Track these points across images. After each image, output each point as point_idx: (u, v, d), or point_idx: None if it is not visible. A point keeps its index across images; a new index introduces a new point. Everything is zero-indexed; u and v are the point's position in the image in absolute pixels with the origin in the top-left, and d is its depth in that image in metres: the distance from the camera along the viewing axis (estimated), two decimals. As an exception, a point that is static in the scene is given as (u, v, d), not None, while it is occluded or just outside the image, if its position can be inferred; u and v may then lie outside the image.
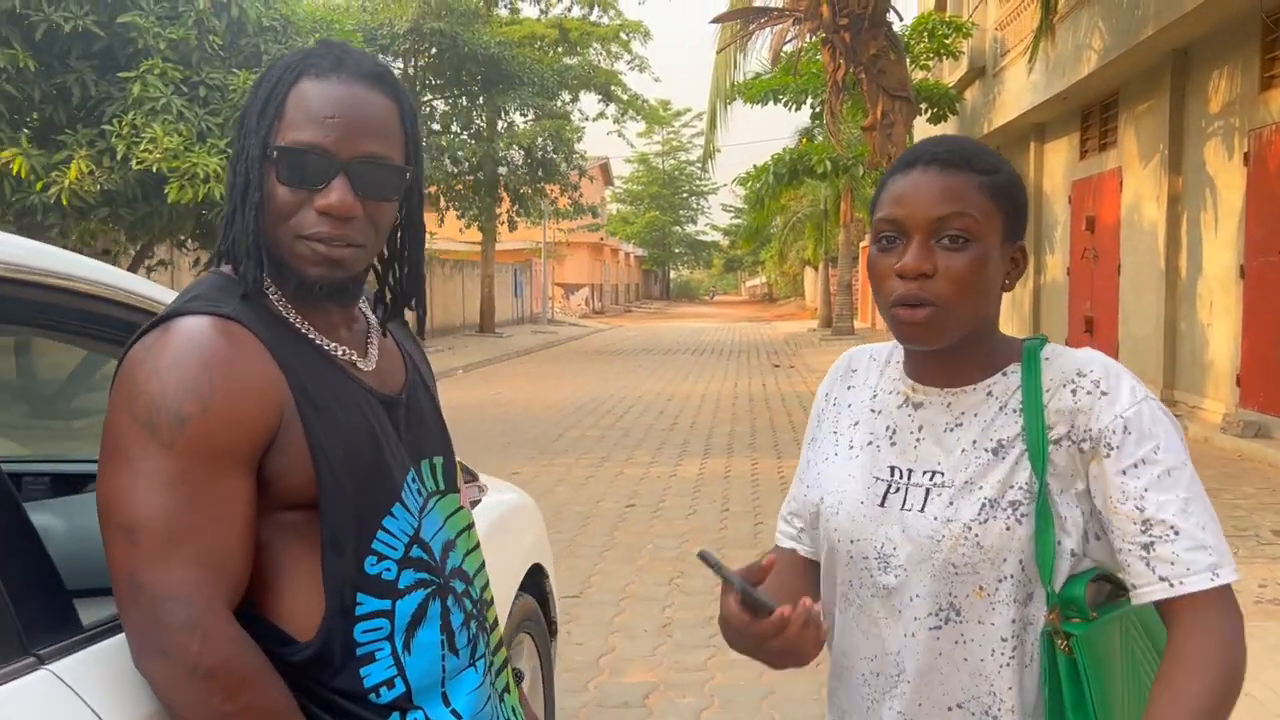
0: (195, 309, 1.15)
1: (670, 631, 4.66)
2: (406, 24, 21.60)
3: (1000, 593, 1.20)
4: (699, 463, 9.05)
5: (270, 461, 1.16)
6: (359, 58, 1.24)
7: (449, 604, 1.27)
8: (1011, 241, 1.24)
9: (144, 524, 1.07)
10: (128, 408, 1.11)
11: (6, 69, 8.24)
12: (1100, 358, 1.24)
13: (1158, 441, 1.18)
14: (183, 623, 1.06)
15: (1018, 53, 13.58)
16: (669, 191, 64.84)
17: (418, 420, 1.34)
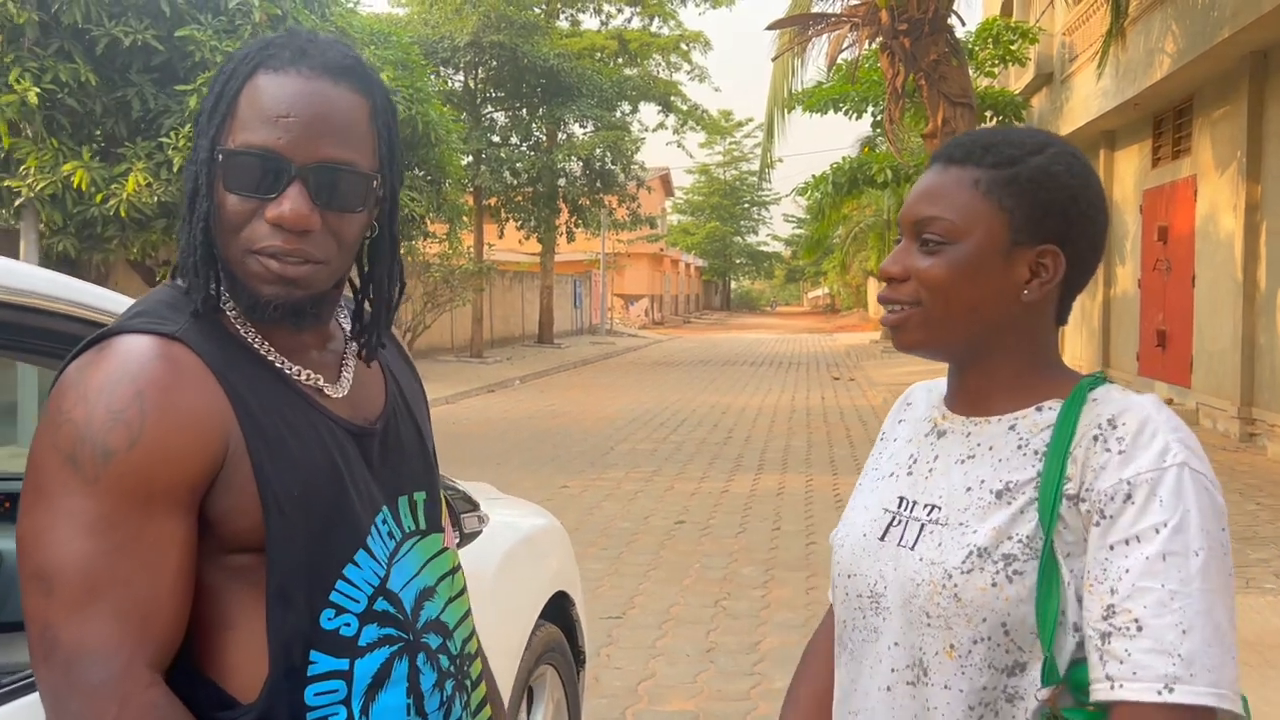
0: (136, 326, 1.03)
1: (714, 657, 4.49)
2: (467, 37, 21.76)
3: (973, 656, 1.04)
4: (752, 478, 8.86)
5: (215, 501, 1.03)
6: (325, 48, 1.09)
7: (419, 663, 1.13)
8: (1028, 244, 1.08)
9: (60, 571, 0.95)
10: (52, 437, 0.98)
11: (69, 83, 8.38)
12: (1148, 410, 1.03)
13: (1168, 518, 0.97)
14: (98, 685, 0.93)
15: (1086, 58, 13.19)
16: (730, 202, 64.61)
17: (396, 452, 1.19)
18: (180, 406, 1.00)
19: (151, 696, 0.95)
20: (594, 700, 4.01)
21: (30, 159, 8.41)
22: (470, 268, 20.05)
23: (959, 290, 1.08)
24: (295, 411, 1.09)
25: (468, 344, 22.92)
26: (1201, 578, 0.96)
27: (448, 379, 17.48)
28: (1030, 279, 1.08)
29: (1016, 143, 1.10)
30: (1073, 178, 1.08)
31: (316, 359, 1.16)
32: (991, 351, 1.11)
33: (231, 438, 1.03)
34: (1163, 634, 0.95)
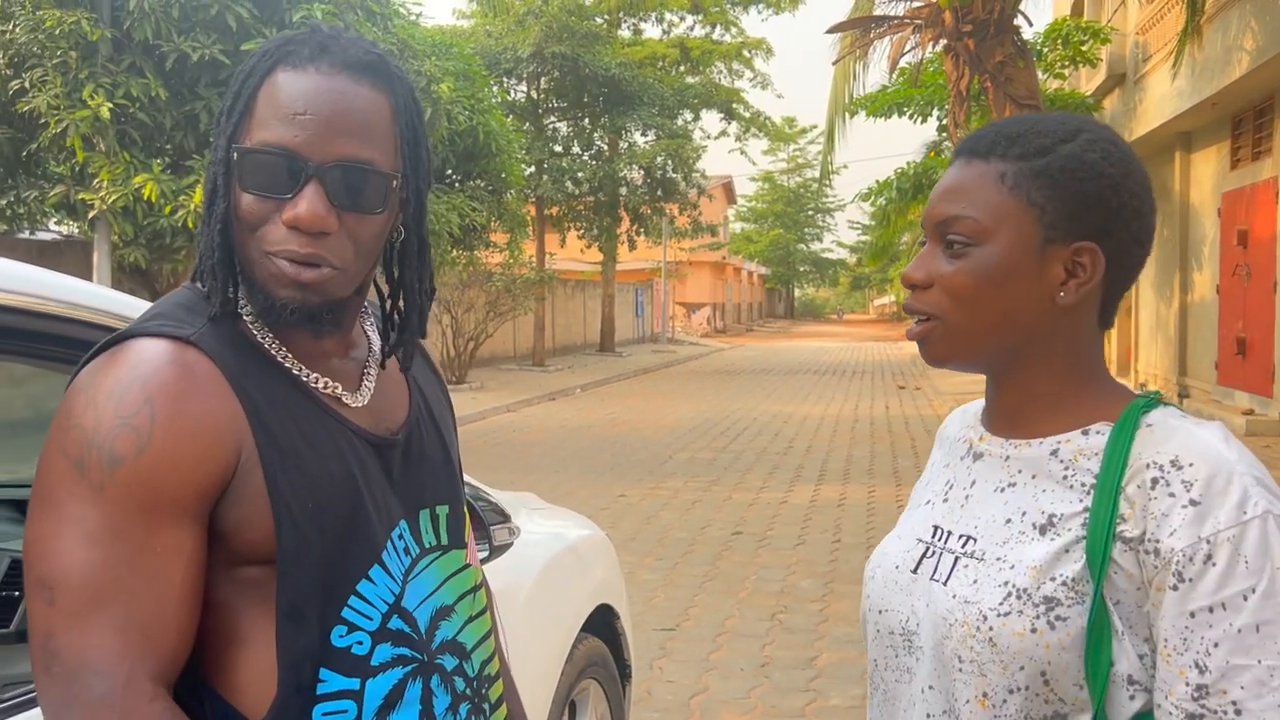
0: (151, 329, 1.00)
1: (769, 672, 4.40)
2: (529, 48, 21.92)
3: (1008, 706, 0.94)
4: (812, 489, 8.72)
5: (226, 512, 1.00)
6: (347, 44, 1.06)
7: (433, 685, 1.08)
8: (1060, 243, 0.98)
9: (63, 581, 0.92)
10: (60, 442, 0.96)
11: (140, 98, 8.59)
12: (1214, 449, 0.92)
13: (1255, 581, 0.87)
14: (99, 699, 0.90)
15: (1161, 57, 12.82)
16: (793, 209, 64.17)
17: (418, 464, 1.15)
18: (191, 413, 0.97)
19: (154, 710, 0.92)
20: (645, 714, 3.95)
21: (103, 172, 8.63)
22: (532, 277, 20.17)
23: (988, 296, 0.98)
24: (312, 421, 1.05)
25: (530, 352, 23.05)
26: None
27: (510, 387, 17.57)
28: (1066, 280, 0.98)
29: (1046, 131, 1.00)
30: (1110, 166, 0.98)
31: (337, 366, 1.12)
32: (1028, 363, 1.01)
33: (244, 447, 0.99)
34: (1266, 716, 0.85)
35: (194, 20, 8.65)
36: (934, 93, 13.45)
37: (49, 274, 1.34)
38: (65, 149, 8.68)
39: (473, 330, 18.10)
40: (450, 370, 17.59)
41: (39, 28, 8.47)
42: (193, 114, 8.92)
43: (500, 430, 12.86)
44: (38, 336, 1.30)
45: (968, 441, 1.09)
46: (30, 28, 8.54)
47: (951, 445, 1.13)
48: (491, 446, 11.39)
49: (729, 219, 58.34)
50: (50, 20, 8.37)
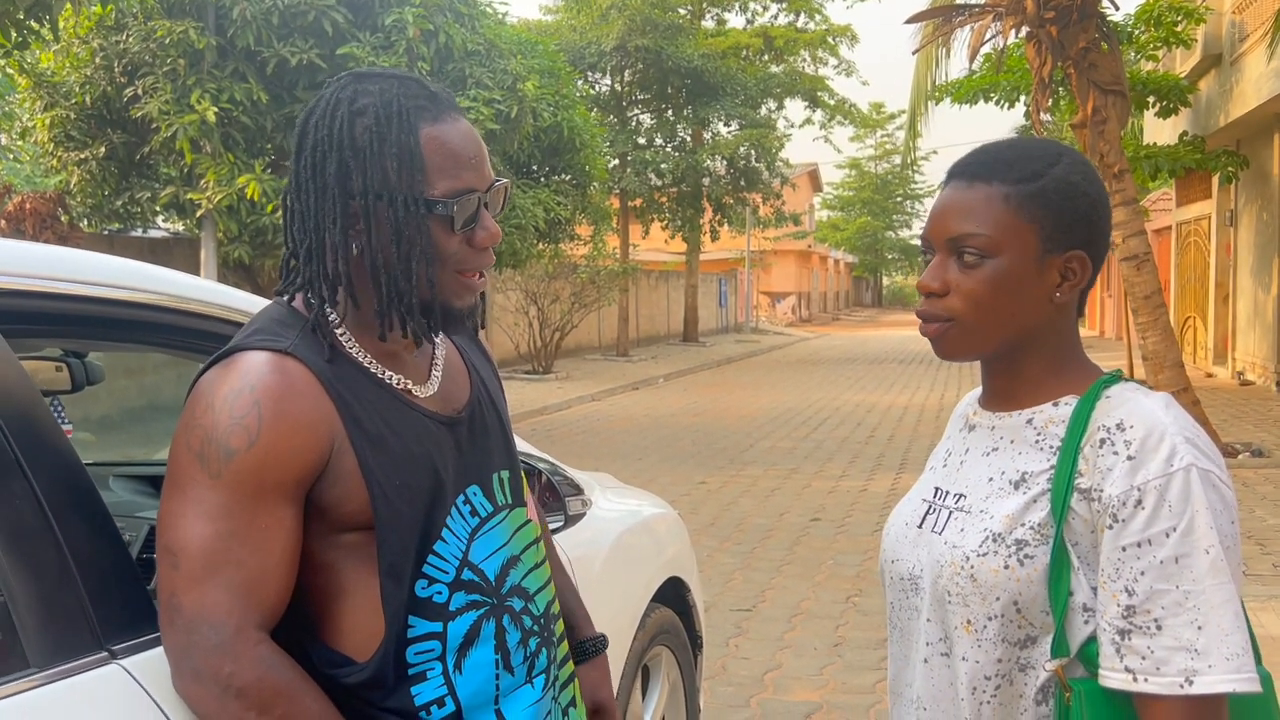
0: (255, 344, 1.19)
1: (841, 651, 4.53)
2: (613, 42, 22.14)
3: (988, 631, 1.15)
4: (892, 478, 8.77)
5: (324, 491, 1.19)
6: (443, 91, 1.27)
7: (504, 623, 1.28)
8: (1056, 253, 1.16)
9: (185, 549, 1.12)
10: (185, 438, 1.16)
11: (243, 102, 9.04)
12: (1155, 414, 1.11)
13: (1177, 522, 1.05)
14: (214, 646, 1.10)
15: (1258, 38, 12.43)
16: (881, 196, 63.31)
17: (482, 436, 1.35)
18: (291, 413, 1.16)
19: (260, 652, 1.12)
20: (721, 688, 4.13)
21: (209, 173, 9.11)
22: (615, 268, 20.42)
23: (998, 300, 1.16)
24: (392, 411, 1.25)
25: (614, 343, 23.33)
26: (1212, 574, 1.04)
27: (594, 377, 17.86)
28: (1061, 283, 1.17)
29: (1035, 156, 1.17)
30: (1090, 186, 1.17)
31: (409, 360, 1.31)
32: (1024, 352, 1.19)
33: (336, 437, 1.19)
34: (1180, 631, 1.03)
35: (292, 26, 9.07)
36: (1020, 78, 13.25)
37: (176, 274, 1.56)
38: (174, 152, 9.19)
39: (558, 321, 18.43)
40: (536, 360, 17.95)
41: (150, 37, 8.99)
42: (292, 116, 9.34)
43: (585, 419, 13.13)
44: (166, 329, 1.51)
45: (965, 417, 1.29)
46: (142, 37, 9.06)
47: (955, 421, 1.33)
48: (576, 435, 11.66)
49: (814, 207, 57.86)
50: (160, 30, 8.87)
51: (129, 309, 1.41)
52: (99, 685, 1.12)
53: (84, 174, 10.11)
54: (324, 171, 1.21)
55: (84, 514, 1.20)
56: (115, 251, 1.50)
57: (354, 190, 1.20)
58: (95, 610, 1.15)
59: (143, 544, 2.15)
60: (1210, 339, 17.09)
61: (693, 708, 2.94)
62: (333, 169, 1.20)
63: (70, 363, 2.05)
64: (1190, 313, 18.38)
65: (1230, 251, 16.31)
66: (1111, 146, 8.64)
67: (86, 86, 9.47)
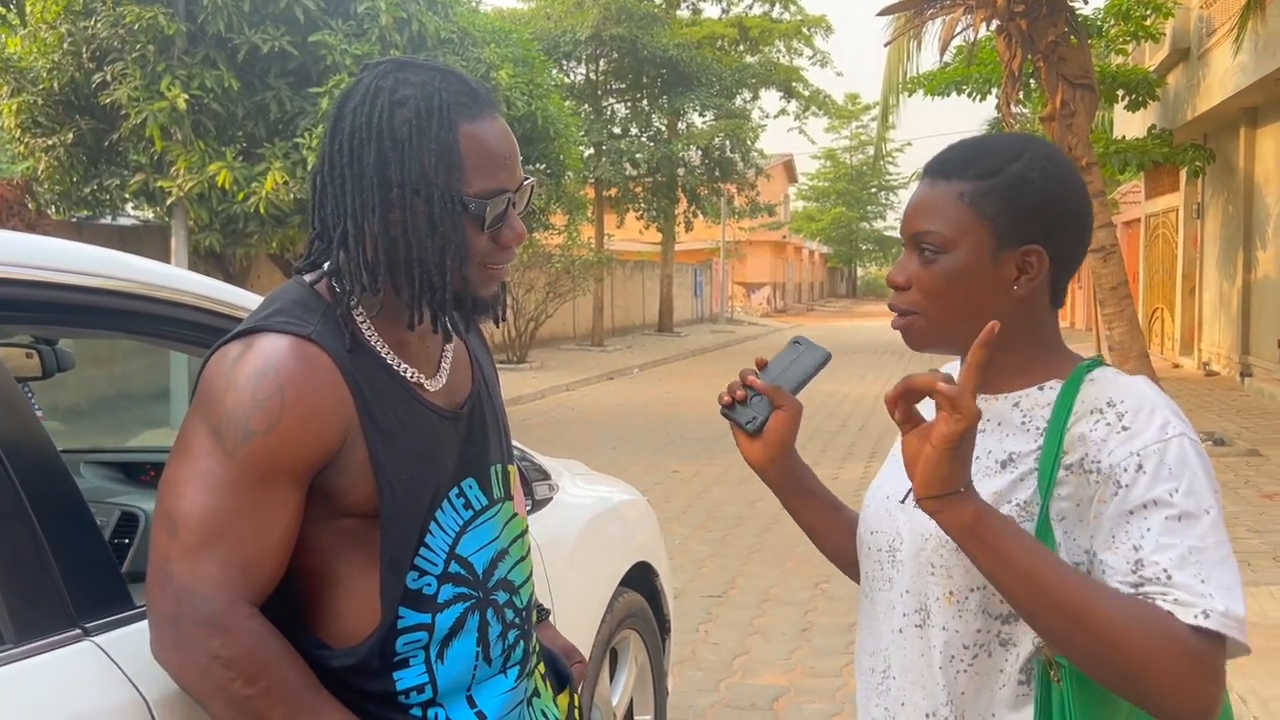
0: (278, 326, 1.19)
1: (809, 636, 4.60)
2: (588, 31, 22.10)
3: (969, 602, 1.18)
4: (863, 466, 8.86)
5: (330, 478, 1.20)
6: (482, 87, 1.27)
7: (488, 616, 1.30)
8: (1011, 247, 1.19)
9: (186, 518, 1.12)
10: (203, 412, 1.16)
11: (214, 89, 8.98)
12: (1142, 390, 1.16)
13: (1177, 484, 1.10)
14: (204, 617, 1.11)
15: (1225, 32, 12.60)
16: (856, 187, 63.56)
17: (481, 429, 1.36)
18: (313, 401, 1.16)
19: (249, 625, 1.13)
20: (690, 672, 4.18)
21: (180, 161, 9.05)
22: (590, 258, 20.42)
23: (955, 294, 1.20)
24: (404, 405, 1.25)
25: (589, 333, 23.35)
26: (1213, 533, 1.09)
27: (569, 367, 17.88)
28: (1019, 276, 1.19)
29: (995, 152, 1.20)
30: (1049, 181, 1.19)
31: (420, 351, 1.31)
32: (998, 344, 1.21)
33: (350, 428, 1.19)
34: (1188, 583, 1.07)
35: (264, 13, 9.01)
36: (991, 70, 13.36)
37: (147, 261, 1.58)
38: (144, 139, 9.11)
39: (533, 311, 18.43)
40: (511, 350, 17.95)
41: (119, 23, 8.89)
42: (263, 104, 9.29)
43: (559, 409, 13.16)
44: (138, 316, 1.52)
45: None
46: (110, 23, 8.96)
47: None
48: (551, 424, 11.69)
49: (789, 198, 58.04)
50: (129, 16, 8.78)
51: (100, 296, 1.43)
52: (73, 660, 1.15)
53: (52, 161, 10.01)
54: (361, 159, 1.20)
55: (58, 496, 1.22)
56: (84, 239, 1.51)
57: (391, 181, 1.20)
58: (69, 589, 1.18)
59: (114, 529, 2.17)
60: (1177, 330, 17.33)
61: (660, 690, 2.99)
62: (371, 158, 1.20)
63: (41, 350, 2.07)
64: (1158, 304, 18.63)
65: (1197, 244, 16.54)
66: (1079, 139, 8.74)
67: (54, 72, 9.36)
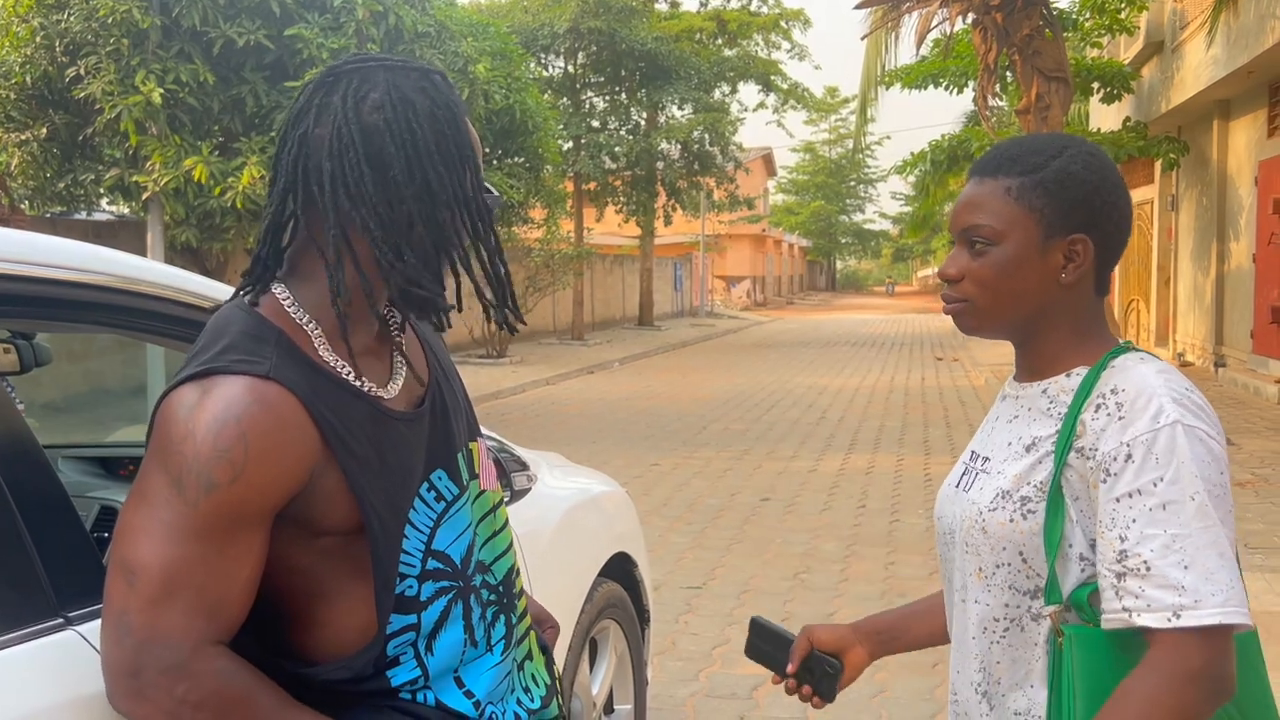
0: (234, 368, 1.14)
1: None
2: (566, 24, 22.05)
3: (996, 578, 1.27)
4: (841, 458, 8.92)
5: (301, 507, 1.17)
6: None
7: (470, 603, 1.31)
8: (1057, 237, 1.27)
9: (145, 568, 1.09)
10: (161, 461, 1.12)
11: (189, 83, 8.91)
12: (1147, 378, 1.21)
13: (1163, 473, 1.15)
14: (169, 666, 1.08)
15: (1198, 25, 12.72)
16: (835, 180, 63.75)
17: (444, 419, 1.35)
18: (277, 446, 1.12)
19: (215, 666, 1.10)
20: (671, 663, 4.21)
21: (155, 155, 8.98)
22: (570, 252, 20.41)
23: (1005, 283, 1.27)
24: (371, 424, 1.23)
25: (569, 327, 23.34)
26: (1198, 519, 1.13)
27: (549, 361, 17.88)
28: (1065, 264, 1.27)
29: (1038, 150, 1.29)
30: (1090, 173, 1.27)
31: (375, 353, 1.30)
32: (1041, 329, 1.30)
33: (317, 461, 1.16)
34: (1167, 571, 1.13)
35: (239, 7, 8.95)
36: (968, 64, 13.44)
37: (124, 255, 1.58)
38: (119, 133, 9.03)
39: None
40: (490, 345, 17.92)
41: (92, 16, 8.82)
42: (239, 98, 9.23)
43: (539, 403, 13.16)
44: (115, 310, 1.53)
45: (1003, 391, 1.41)
46: (84, 16, 8.88)
47: (999, 393, 1.45)
48: (531, 418, 11.69)
49: (769, 191, 58.11)
50: (103, 9, 8.70)
51: (77, 290, 1.44)
52: (55, 649, 1.16)
53: (25, 155, 9.91)
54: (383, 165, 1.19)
55: (39, 488, 1.23)
56: (59, 234, 1.51)
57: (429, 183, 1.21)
58: (51, 579, 1.19)
59: (93, 523, 2.17)
60: (1153, 321, 17.50)
61: (640, 680, 3.02)
62: (401, 165, 1.20)
63: (19, 344, 2.07)
64: (1134, 295, 18.80)
65: (1172, 235, 16.70)
66: (1055, 131, 8.81)
67: (27, 66, 9.27)
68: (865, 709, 3.75)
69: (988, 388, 13.79)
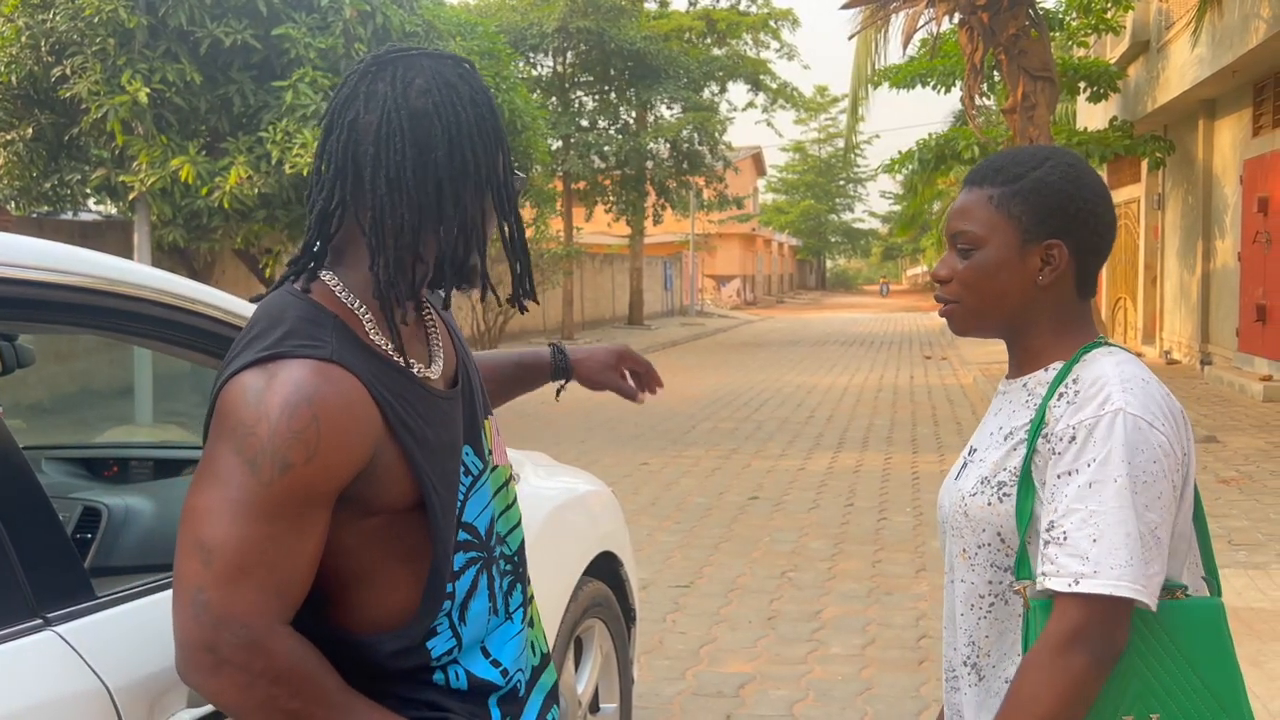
0: (298, 351, 1.17)
1: (775, 624, 4.66)
2: (554, 23, 22.06)
3: (979, 558, 1.36)
4: (830, 457, 8.95)
5: (361, 486, 1.20)
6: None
7: (493, 572, 1.36)
8: (1035, 242, 1.35)
9: (221, 547, 1.12)
10: (233, 444, 1.14)
11: (176, 83, 8.89)
12: (1104, 369, 1.30)
13: (1097, 454, 1.24)
14: (247, 643, 1.12)
15: (1183, 24, 12.79)
16: (825, 179, 63.85)
17: (470, 398, 1.40)
18: (347, 426, 1.17)
19: (290, 644, 1.15)
20: (658, 661, 4.23)
21: (142, 155, 8.96)
22: (559, 251, 20.42)
23: (987, 284, 1.37)
24: (423, 403, 1.28)
25: (559, 326, 23.34)
26: (1116, 498, 1.23)
27: (538, 360, 17.84)
28: (1043, 268, 1.36)
29: (1021, 161, 1.38)
30: (1066, 183, 1.35)
31: (414, 340, 1.34)
32: (1025, 327, 1.40)
33: (379, 440, 1.20)
34: (1079, 543, 1.23)
35: (226, 6, 8.93)
36: (955, 63, 13.49)
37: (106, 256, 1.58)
38: (105, 133, 9.01)
39: (501, 305, 18.38)
40: (480, 344, 17.92)
41: (78, 16, 8.78)
42: (226, 97, 9.21)
43: (528, 402, 13.05)
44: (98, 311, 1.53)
45: (998, 388, 1.49)
46: (70, 16, 8.85)
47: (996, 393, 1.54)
48: (520, 418, 11.69)
49: (759, 190, 58.20)
50: (89, 8, 8.67)
51: (59, 291, 1.44)
52: (35, 649, 1.16)
53: (11, 156, 9.88)
54: (426, 151, 1.23)
55: (17, 489, 1.24)
56: (45, 235, 1.52)
57: (466, 169, 1.25)
58: (30, 581, 1.19)
59: (76, 524, 2.17)
60: (1140, 319, 17.58)
61: (626, 679, 3.02)
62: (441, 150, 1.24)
63: (0, 346, 2.06)
64: (1121, 293, 18.89)
65: (1158, 234, 16.78)
66: (1041, 131, 8.86)
67: (12, 66, 9.24)
68: (851, 705, 3.76)
69: (976, 386, 13.83)
